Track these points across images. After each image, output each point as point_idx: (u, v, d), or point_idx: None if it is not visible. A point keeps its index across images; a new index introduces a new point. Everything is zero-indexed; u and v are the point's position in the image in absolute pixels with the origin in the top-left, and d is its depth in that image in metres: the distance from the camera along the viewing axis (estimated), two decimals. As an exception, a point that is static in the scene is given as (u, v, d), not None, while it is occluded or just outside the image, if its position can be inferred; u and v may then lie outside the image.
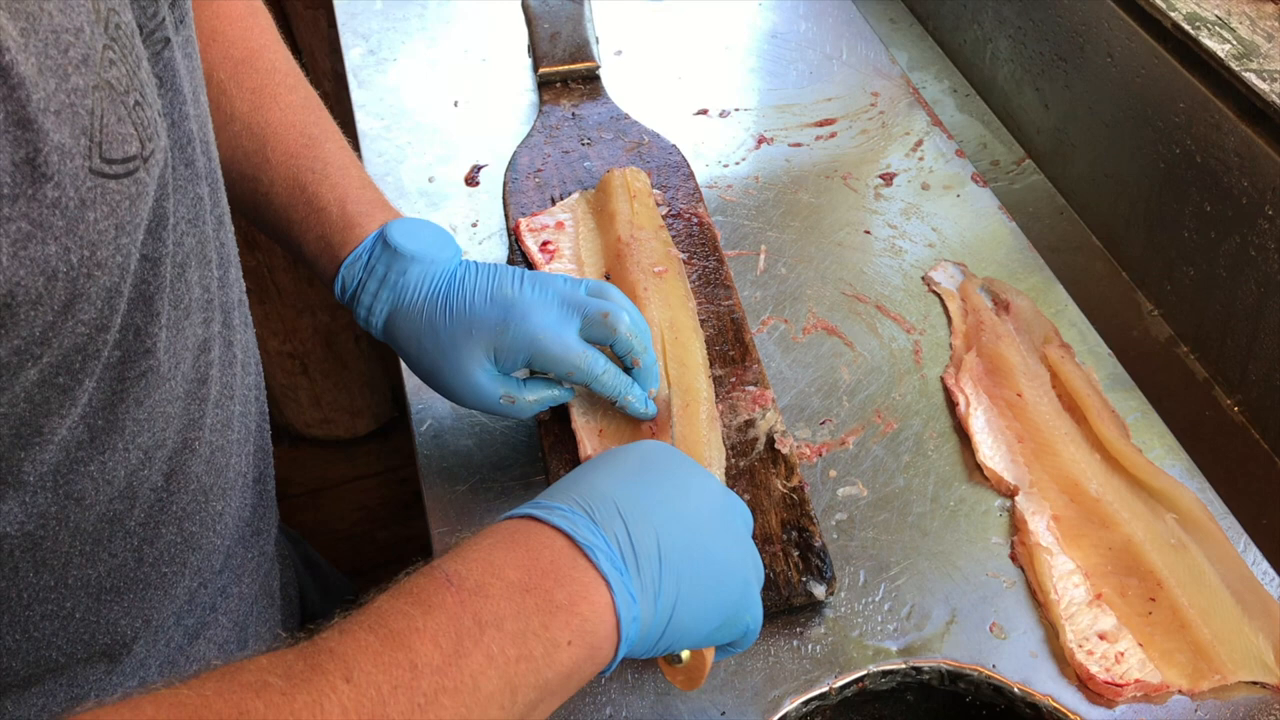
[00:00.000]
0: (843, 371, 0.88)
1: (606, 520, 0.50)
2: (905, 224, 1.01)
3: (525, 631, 0.46)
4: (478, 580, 0.46)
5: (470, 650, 0.44)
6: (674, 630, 0.52)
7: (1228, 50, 0.86)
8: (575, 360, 0.72)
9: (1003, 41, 1.17)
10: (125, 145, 0.43)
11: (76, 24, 0.41)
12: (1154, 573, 0.73)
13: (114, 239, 0.43)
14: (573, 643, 0.47)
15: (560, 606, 0.47)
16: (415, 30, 1.24)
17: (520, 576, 0.47)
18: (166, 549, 0.60)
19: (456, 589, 0.46)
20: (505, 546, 0.48)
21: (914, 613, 0.73)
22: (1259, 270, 0.86)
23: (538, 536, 0.49)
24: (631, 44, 1.22)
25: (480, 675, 0.44)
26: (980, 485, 0.80)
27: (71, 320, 0.43)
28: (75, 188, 0.40)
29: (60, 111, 0.39)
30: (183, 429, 0.57)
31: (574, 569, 0.48)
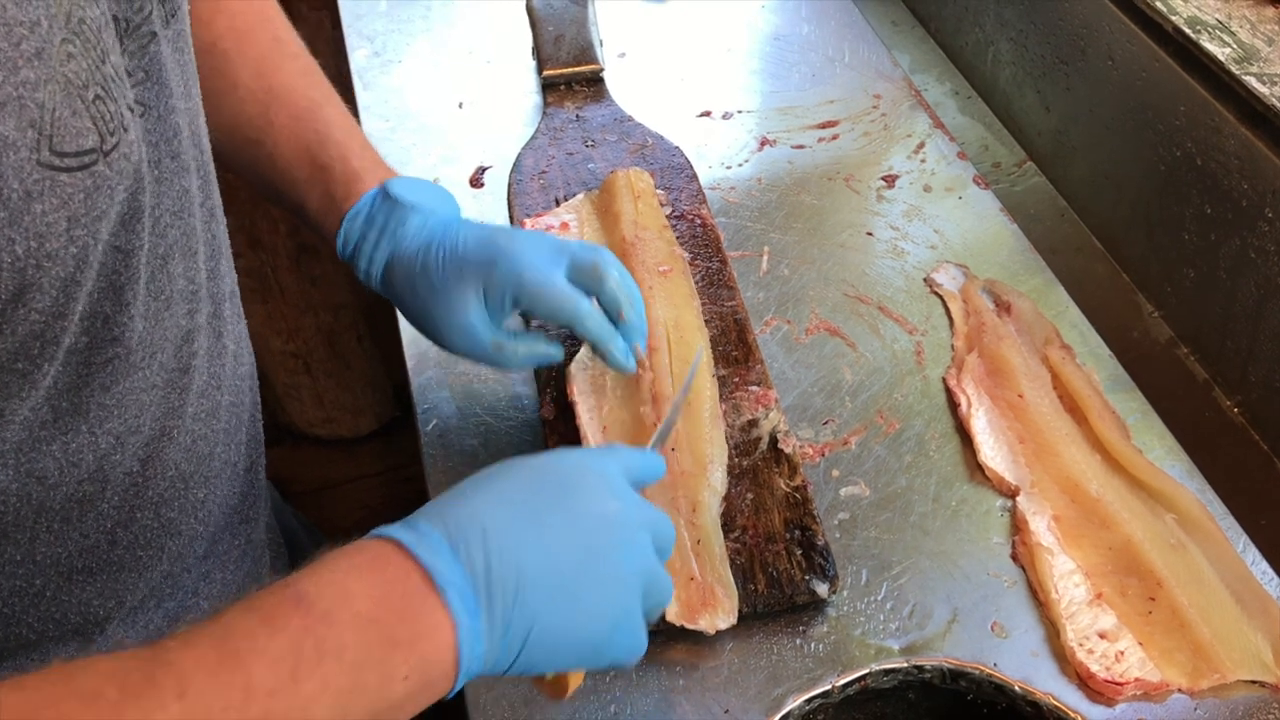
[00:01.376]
0: (845, 372, 0.89)
1: (469, 553, 0.50)
2: (907, 226, 1.02)
3: (364, 662, 0.46)
4: (327, 606, 0.46)
5: (306, 678, 0.44)
6: (525, 663, 0.52)
7: (1228, 54, 0.87)
8: (561, 299, 0.72)
9: (1004, 44, 1.18)
10: (80, 139, 0.43)
11: (33, 17, 0.41)
12: (1154, 572, 0.74)
13: (66, 231, 0.43)
14: (409, 677, 0.47)
15: (402, 643, 0.47)
16: (420, 32, 1.25)
17: (369, 608, 0.47)
18: (142, 533, 0.60)
19: (304, 613, 0.46)
20: (361, 573, 0.49)
21: (916, 612, 0.74)
22: (1259, 272, 0.87)
23: (395, 567, 0.49)
24: (635, 46, 1.22)
25: (313, 702, 0.45)
26: (982, 485, 0.81)
27: (24, 309, 0.43)
28: (20, 180, 0.40)
29: (6, 104, 0.40)
30: (160, 417, 0.57)
31: (424, 606, 0.48)
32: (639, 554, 0.56)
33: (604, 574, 0.54)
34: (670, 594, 0.59)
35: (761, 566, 0.73)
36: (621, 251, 0.90)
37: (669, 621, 0.70)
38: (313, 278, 1.88)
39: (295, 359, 1.97)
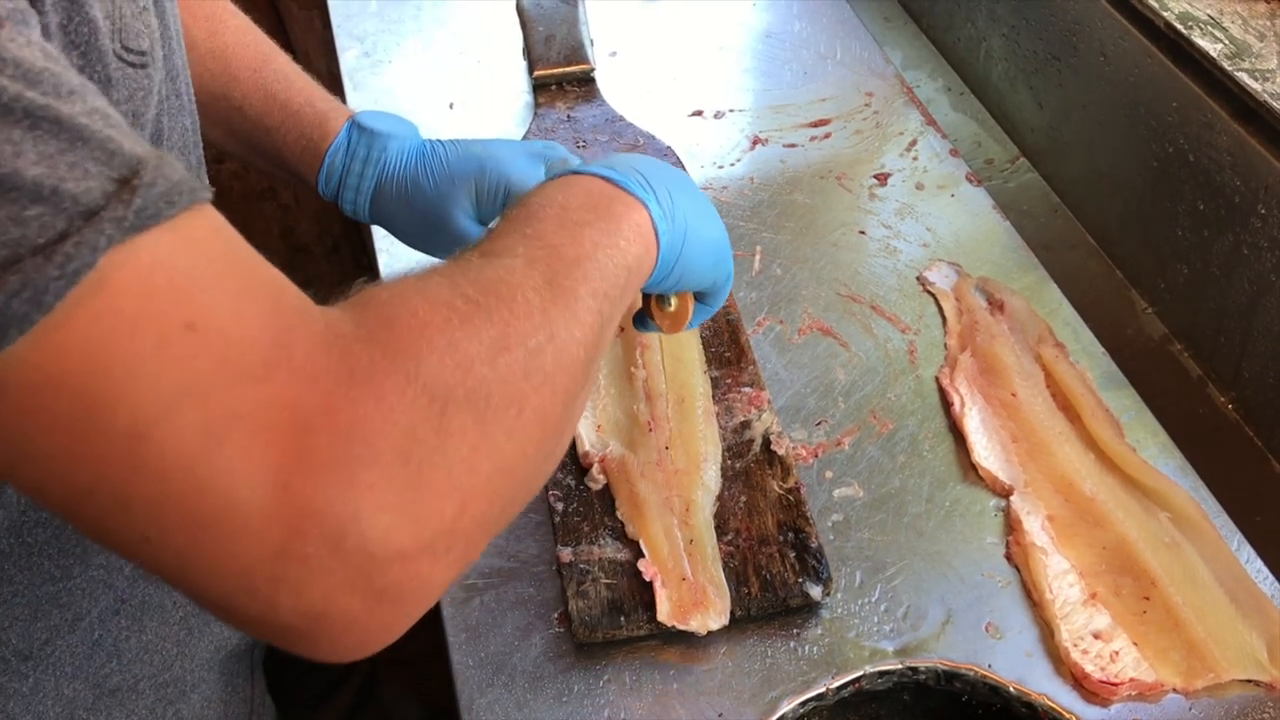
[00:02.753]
0: (838, 372, 0.89)
1: (627, 170, 0.60)
2: (900, 224, 1.01)
3: (607, 229, 0.56)
4: (563, 202, 0.56)
5: (581, 238, 0.53)
6: (685, 255, 0.62)
7: (1220, 50, 0.86)
8: None
9: (996, 40, 1.17)
10: (139, 40, 0.47)
11: None
12: (1148, 572, 0.74)
13: (131, 127, 0.45)
14: (635, 240, 0.57)
15: (620, 216, 0.57)
16: (410, 32, 1.24)
17: (584, 201, 0.57)
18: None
19: (551, 207, 0.55)
20: (567, 187, 0.58)
21: (910, 613, 0.74)
22: (1252, 269, 0.87)
23: (587, 181, 0.59)
24: (626, 46, 1.22)
25: (596, 251, 0.53)
26: (975, 485, 0.81)
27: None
28: (102, 64, 0.44)
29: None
30: None
31: (617, 194, 0.59)
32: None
33: (705, 201, 0.67)
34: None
35: (755, 569, 0.73)
36: None
37: (660, 622, 0.70)
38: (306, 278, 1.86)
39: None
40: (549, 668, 0.71)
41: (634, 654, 0.71)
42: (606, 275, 0.53)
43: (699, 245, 0.64)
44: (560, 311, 0.48)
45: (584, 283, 0.51)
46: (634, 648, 0.72)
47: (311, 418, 0.38)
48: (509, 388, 0.44)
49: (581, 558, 0.74)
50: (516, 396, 0.44)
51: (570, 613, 0.71)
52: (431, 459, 0.40)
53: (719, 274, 0.68)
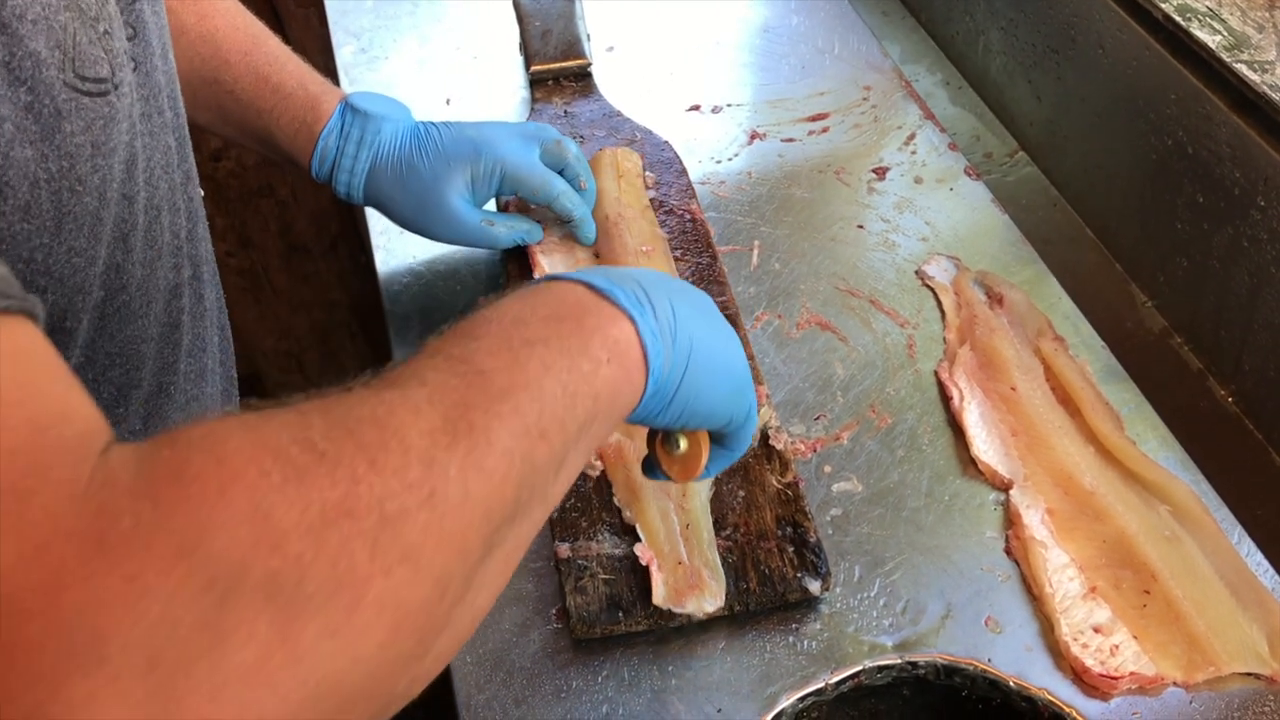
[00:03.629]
0: (837, 367, 0.88)
1: (620, 279, 0.53)
2: (898, 218, 1.01)
3: (569, 349, 0.47)
4: (515, 315, 0.48)
5: (527, 361, 0.45)
6: (689, 383, 0.54)
7: (1219, 41, 0.86)
8: (541, 179, 0.85)
9: (995, 33, 1.17)
10: (97, 66, 0.45)
11: None
12: (1148, 565, 0.73)
13: (90, 157, 0.45)
14: (610, 361, 0.49)
15: (594, 330, 0.49)
16: (406, 28, 1.24)
17: (552, 311, 0.49)
18: None
19: (498, 321, 0.47)
20: (532, 295, 0.51)
21: (909, 608, 0.73)
22: (1252, 261, 0.86)
23: (559, 287, 0.51)
24: (623, 40, 1.22)
25: (541, 379, 0.45)
26: (974, 479, 0.80)
27: (64, 246, 0.45)
28: (50, 96, 0.42)
29: (36, 21, 0.41)
30: (157, 372, 0.59)
31: (598, 305, 0.51)
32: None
33: (724, 323, 0.60)
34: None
35: (753, 564, 0.73)
36: (603, 230, 0.91)
37: (655, 605, 0.70)
38: (304, 275, 1.87)
39: (288, 357, 1.96)
40: (547, 664, 0.71)
41: (632, 650, 0.71)
42: (551, 408, 0.44)
43: (708, 372, 0.55)
44: (454, 461, 0.39)
45: (506, 420, 0.42)
46: (632, 644, 0.71)
47: (28, 595, 0.29)
48: (339, 569, 0.33)
49: (579, 553, 0.74)
50: (351, 581, 0.34)
51: (568, 609, 0.71)
52: (193, 665, 0.30)
53: (735, 409, 0.59)
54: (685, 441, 0.60)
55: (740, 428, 0.61)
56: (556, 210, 0.87)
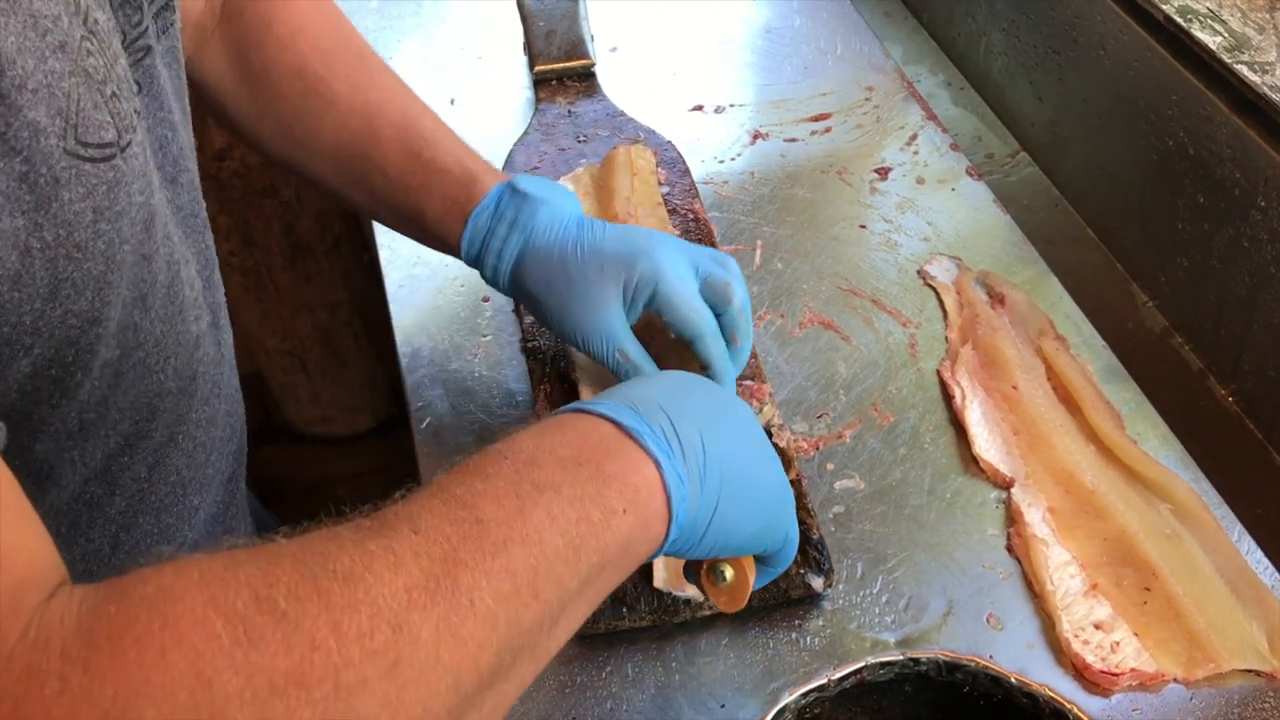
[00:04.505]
0: (839, 365, 0.89)
1: (650, 413, 0.51)
2: (900, 218, 1.01)
3: (582, 497, 0.46)
4: (530, 455, 0.46)
5: (532, 510, 0.44)
6: (720, 523, 0.52)
7: (1219, 43, 0.86)
8: (694, 312, 0.72)
9: (996, 35, 1.18)
10: (101, 131, 0.44)
11: (55, 12, 0.42)
12: (1149, 563, 0.74)
13: (92, 223, 0.44)
14: (627, 511, 0.47)
15: (613, 476, 0.47)
16: (411, 29, 1.25)
17: (571, 452, 0.47)
18: (143, 538, 0.60)
19: (511, 460, 0.46)
20: (553, 431, 0.49)
21: (911, 604, 0.74)
22: (1252, 261, 0.87)
23: (584, 423, 0.50)
24: (627, 41, 1.22)
25: (544, 532, 0.44)
26: (976, 477, 0.81)
27: (60, 309, 0.43)
28: (47, 165, 0.41)
29: (37, 90, 0.40)
30: (171, 423, 0.58)
31: (622, 447, 0.49)
32: (774, 452, 0.59)
33: (764, 451, 0.57)
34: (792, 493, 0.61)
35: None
36: None
37: (657, 588, 0.70)
38: (307, 275, 1.87)
39: (291, 358, 1.97)
40: (550, 660, 0.71)
41: (636, 646, 0.72)
42: (550, 564, 0.43)
43: (740, 507, 0.53)
44: (427, 624, 0.37)
45: (495, 579, 0.40)
46: (636, 639, 0.72)
47: None
48: None
49: (583, 550, 0.74)
50: None
51: (572, 605, 0.72)
52: None
53: (771, 540, 0.57)
54: (731, 571, 0.57)
55: (779, 551, 0.59)
56: (696, 351, 0.73)
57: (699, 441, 0.51)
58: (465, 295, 0.95)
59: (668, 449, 0.50)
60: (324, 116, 0.77)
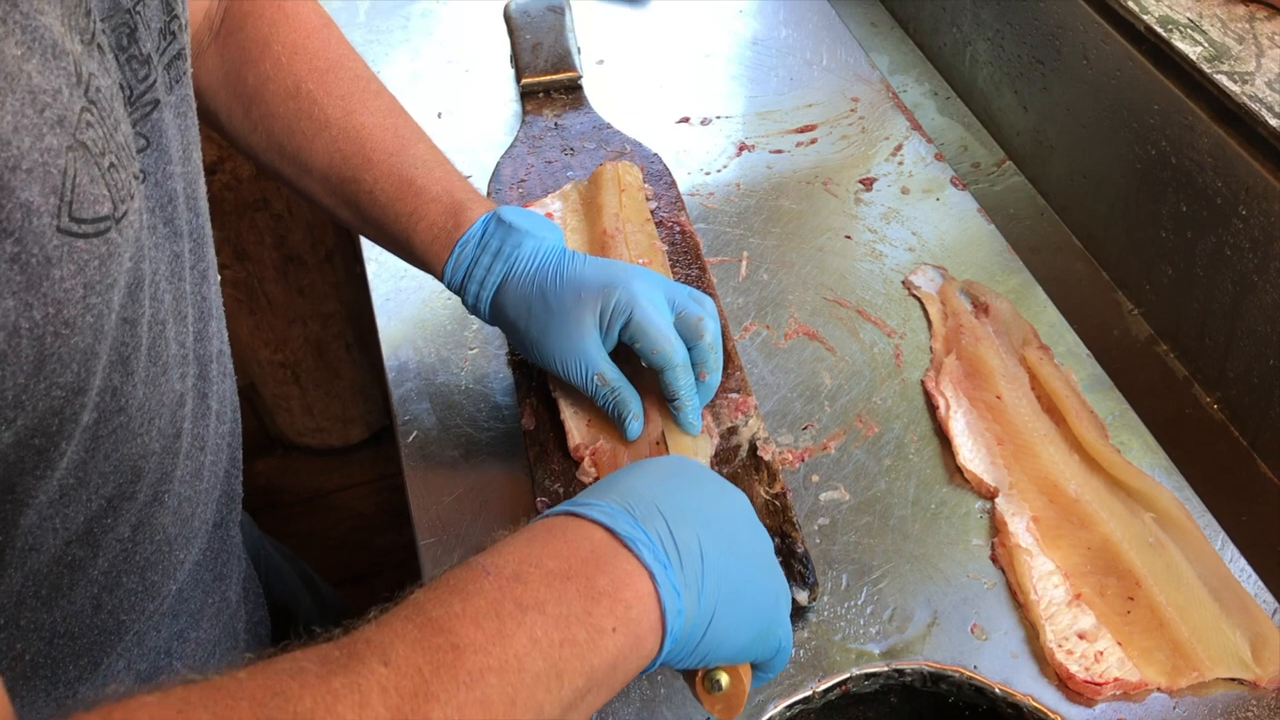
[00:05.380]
0: (824, 376, 0.89)
1: (647, 517, 0.49)
2: (886, 228, 1.02)
3: (568, 616, 0.44)
4: (515, 569, 0.45)
5: (513, 632, 0.43)
6: (714, 634, 0.51)
7: (1199, 53, 0.87)
8: (665, 342, 0.74)
9: (981, 44, 1.18)
10: (97, 206, 0.43)
11: (55, 85, 0.41)
12: (1132, 572, 0.74)
13: (82, 298, 0.43)
14: (617, 630, 0.46)
15: (603, 592, 0.46)
16: (398, 42, 1.25)
17: (560, 565, 0.46)
18: (127, 597, 0.59)
19: (494, 577, 0.45)
20: (543, 539, 0.48)
21: (896, 615, 0.74)
22: (1234, 269, 0.87)
23: (576, 529, 0.48)
24: (613, 53, 1.22)
25: (525, 657, 0.42)
26: (961, 488, 0.81)
27: (45, 383, 0.42)
28: (40, 245, 0.40)
29: (32, 170, 0.39)
30: (155, 483, 0.57)
31: (615, 558, 0.47)
32: (769, 544, 0.58)
33: (760, 551, 0.56)
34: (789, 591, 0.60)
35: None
36: (601, 244, 0.91)
37: None
38: (300, 288, 1.88)
39: (284, 369, 1.97)
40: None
41: (622, 659, 0.72)
42: (529, 692, 0.42)
43: (735, 616, 0.52)
44: None
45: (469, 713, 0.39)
46: (622, 653, 0.72)
47: None
48: None
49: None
50: None
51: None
52: None
53: (764, 648, 0.56)
54: (727, 679, 0.55)
55: (773, 658, 0.57)
56: (665, 381, 0.76)
57: (697, 548, 0.50)
58: (452, 309, 0.95)
59: (664, 559, 0.48)
60: (316, 138, 0.77)
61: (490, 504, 0.81)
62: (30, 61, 0.40)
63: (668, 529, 0.49)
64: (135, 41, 0.52)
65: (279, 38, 0.79)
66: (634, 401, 0.78)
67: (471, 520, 0.80)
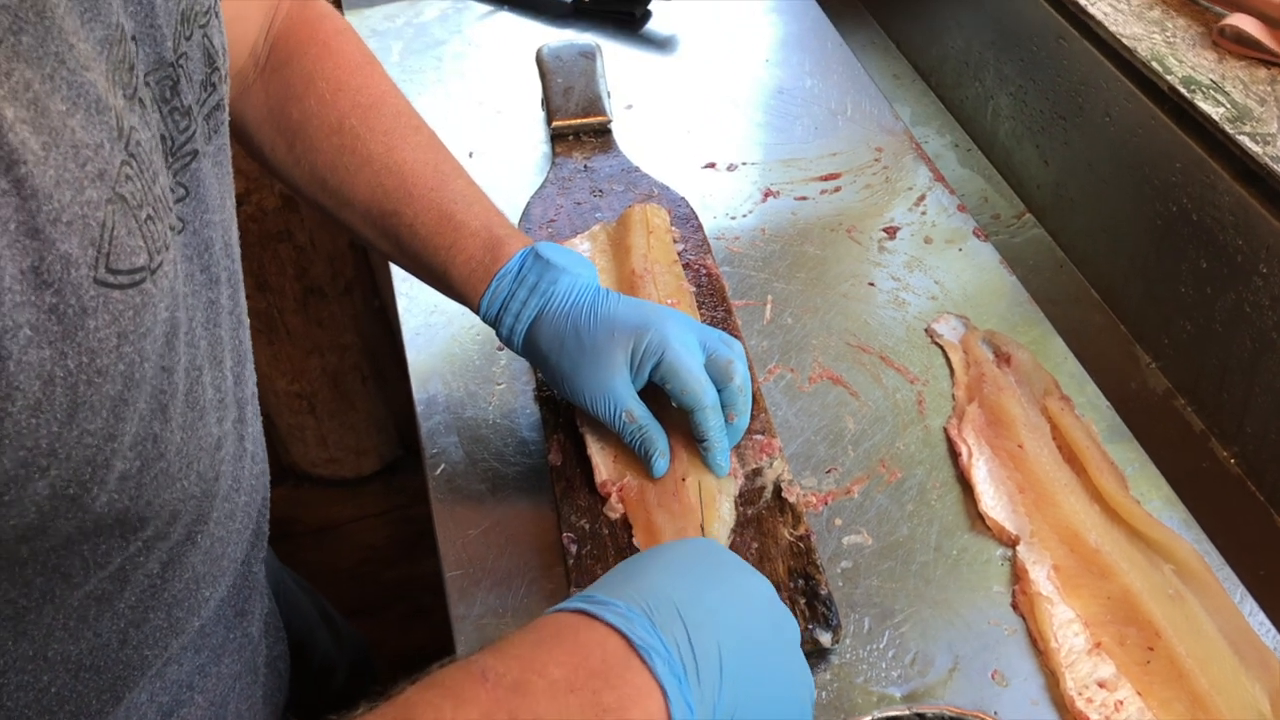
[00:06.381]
0: (848, 421, 0.90)
1: (666, 622, 0.47)
2: (908, 276, 1.03)
3: None
4: (517, 677, 0.43)
5: None
6: None
7: (1222, 113, 0.89)
8: (696, 383, 0.76)
9: (1004, 98, 1.20)
10: (133, 257, 0.43)
11: (97, 140, 0.42)
12: (1152, 622, 0.75)
13: (115, 347, 0.43)
14: None
15: (608, 710, 0.44)
16: (431, 83, 1.27)
17: (565, 674, 0.44)
18: (153, 633, 0.59)
19: (492, 685, 0.43)
20: (551, 643, 0.46)
21: (917, 660, 0.75)
22: (1253, 326, 0.89)
23: (588, 633, 0.46)
24: (642, 98, 1.25)
25: None
26: (982, 535, 0.82)
27: (77, 430, 0.43)
28: (77, 296, 0.40)
29: (72, 223, 0.40)
30: (190, 524, 0.57)
31: (627, 671, 0.45)
32: (796, 634, 0.57)
33: (786, 653, 0.54)
34: (813, 685, 0.58)
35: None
36: (630, 284, 0.93)
37: None
38: (319, 319, 1.90)
39: (300, 399, 1.98)
40: None
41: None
42: None
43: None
44: None
45: None
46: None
47: None
48: None
49: (595, 600, 0.75)
50: None
51: (584, 654, 0.72)
52: None
53: None
54: None
55: None
56: (695, 423, 0.77)
57: (716, 658, 0.47)
58: (480, 343, 0.97)
59: (680, 672, 0.46)
60: (359, 173, 0.79)
61: (516, 538, 0.82)
62: (75, 117, 0.41)
63: (686, 636, 0.47)
64: (177, 94, 0.53)
65: (323, 74, 0.81)
66: (661, 439, 0.79)
67: (497, 554, 0.81)
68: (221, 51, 0.60)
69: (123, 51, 0.47)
